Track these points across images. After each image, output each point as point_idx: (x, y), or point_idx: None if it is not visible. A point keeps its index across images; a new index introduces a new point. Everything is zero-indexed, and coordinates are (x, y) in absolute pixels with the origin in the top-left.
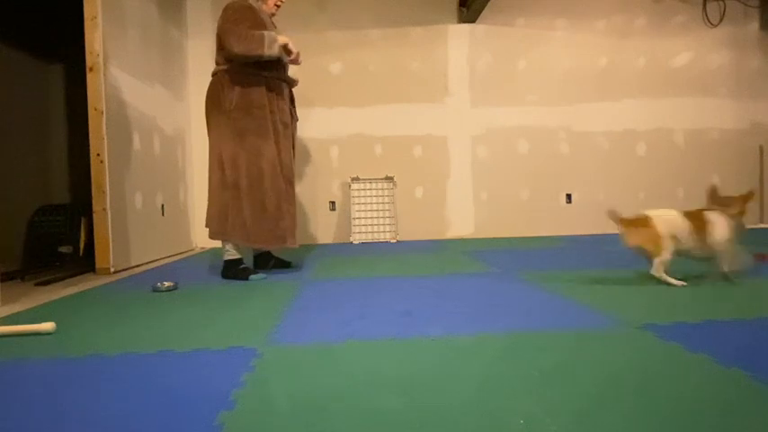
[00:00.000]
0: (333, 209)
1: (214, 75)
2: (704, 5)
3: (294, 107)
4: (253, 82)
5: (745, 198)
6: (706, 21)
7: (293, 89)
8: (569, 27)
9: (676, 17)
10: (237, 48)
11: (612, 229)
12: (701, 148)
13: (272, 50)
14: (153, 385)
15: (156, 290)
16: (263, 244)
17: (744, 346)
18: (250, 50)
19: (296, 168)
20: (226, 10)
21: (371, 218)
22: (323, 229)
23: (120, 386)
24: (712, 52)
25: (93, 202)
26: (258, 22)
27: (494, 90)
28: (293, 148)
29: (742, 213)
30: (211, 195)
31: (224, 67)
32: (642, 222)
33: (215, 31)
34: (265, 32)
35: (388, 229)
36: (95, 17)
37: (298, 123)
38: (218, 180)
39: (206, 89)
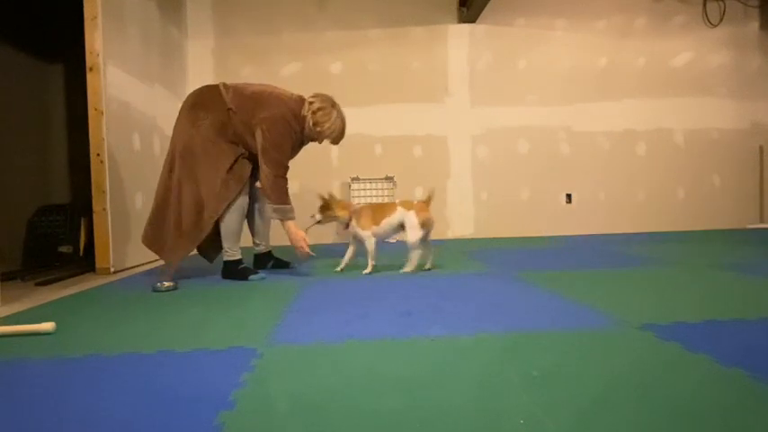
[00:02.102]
0: None
1: (216, 94)
2: (704, 5)
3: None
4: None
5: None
6: (706, 21)
7: None
8: (569, 27)
9: (676, 17)
10: (270, 191)
11: (612, 229)
12: (701, 148)
13: (274, 217)
14: (153, 385)
15: (156, 290)
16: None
17: (744, 346)
18: (272, 199)
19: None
20: (283, 133)
21: None
22: (323, 229)
23: (120, 386)
24: (712, 52)
25: (93, 202)
26: (293, 151)
27: (494, 90)
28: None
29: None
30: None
31: (231, 107)
32: None
33: (215, 32)
34: (291, 209)
35: None
36: (95, 17)
37: None
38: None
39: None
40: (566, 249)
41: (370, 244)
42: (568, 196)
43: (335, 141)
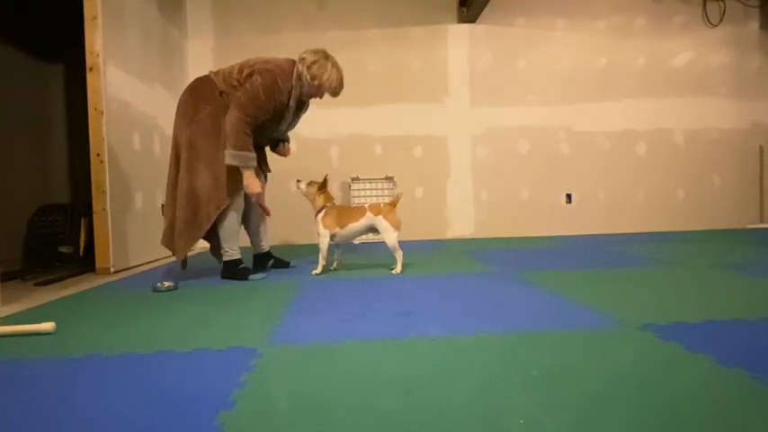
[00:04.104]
0: None
1: (210, 84)
2: (704, 5)
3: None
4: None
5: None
6: (706, 21)
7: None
8: (569, 27)
9: (676, 17)
10: (232, 133)
11: (612, 229)
12: (700, 148)
13: (233, 163)
14: (153, 385)
15: (156, 290)
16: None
17: (744, 346)
18: (232, 142)
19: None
20: (263, 83)
21: None
22: None
23: (121, 386)
24: (712, 52)
25: (93, 202)
26: (277, 111)
27: (494, 90)
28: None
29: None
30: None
31: (223, 89)
32: None
33: (215, 32)
34: (251, 158)
35: None
36: (95, 17)
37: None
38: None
39: None
40: (566, 249)
41: (323, 243)
42: (568, 196)
43: (335, 93)
